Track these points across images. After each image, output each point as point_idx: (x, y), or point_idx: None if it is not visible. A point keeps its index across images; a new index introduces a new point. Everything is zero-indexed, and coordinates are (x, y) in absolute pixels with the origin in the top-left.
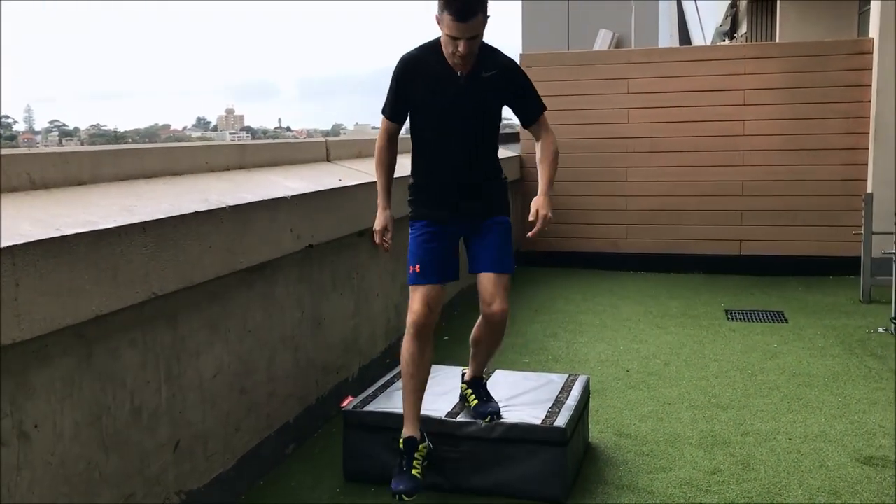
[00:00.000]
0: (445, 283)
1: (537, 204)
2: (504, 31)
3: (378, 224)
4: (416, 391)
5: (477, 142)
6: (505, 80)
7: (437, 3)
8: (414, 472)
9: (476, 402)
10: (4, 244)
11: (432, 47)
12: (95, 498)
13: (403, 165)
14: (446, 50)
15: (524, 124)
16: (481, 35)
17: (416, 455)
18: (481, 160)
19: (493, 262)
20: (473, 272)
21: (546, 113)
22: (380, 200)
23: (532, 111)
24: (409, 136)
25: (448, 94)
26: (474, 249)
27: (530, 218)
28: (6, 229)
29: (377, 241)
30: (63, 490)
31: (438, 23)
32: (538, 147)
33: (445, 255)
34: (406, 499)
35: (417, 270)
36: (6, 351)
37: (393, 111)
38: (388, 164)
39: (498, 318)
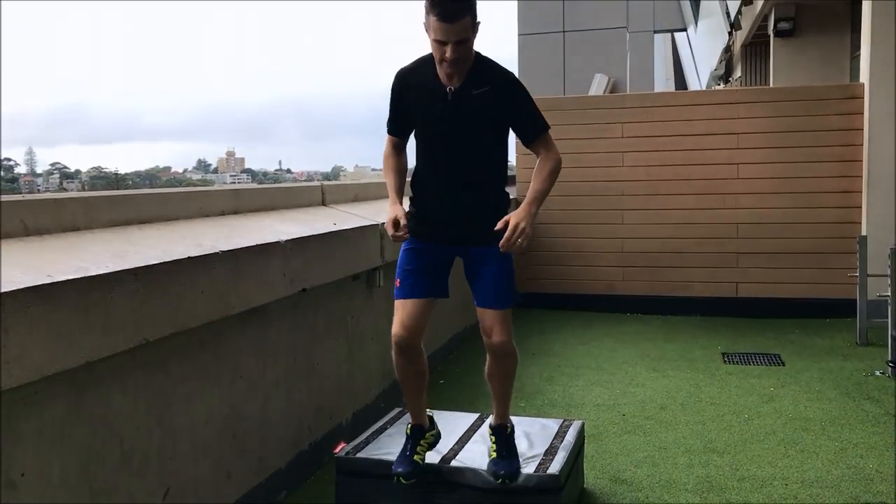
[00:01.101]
0: (429, 299)
1: (514, 213)
2: None
3: (389, 216)
4: (416, 393)
5: (469, 163)
6: (498, 98)
7: (424, 11)
8: (416, 457)
9: (495, 455)
10: None
11: (426, 60)
12: None
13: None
14: (436, 58)
15: (523, 143)
16: (471, 41)
17: (421, 442)
18: (476, 184)
19: (489, 297)
20: (476, 304)
21: (550, 132)
22: (390, 197)
23: (529, 131)
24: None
25: (435, 111)
26: (472, 281)
27: (498, 226)
28: None
29: (391, 233)
30: None
31: (426, 29)
32: (537, 162)
33: (429, 271)
34: (403, 481)
35: (398, 285)
36: None
37: (392, 125)
38: (395, 168)
39: (498, 349)
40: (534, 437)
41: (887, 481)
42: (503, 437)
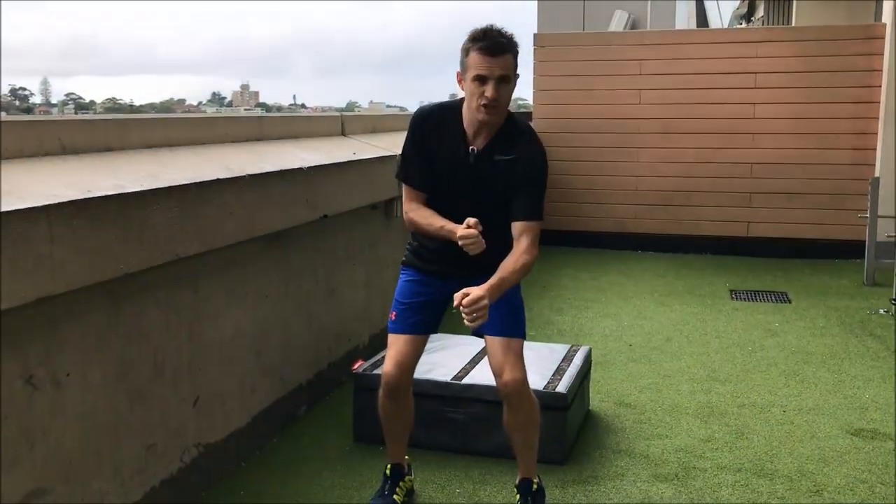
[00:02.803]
0: (424, 336)
1: (475, 288)
2: (520, 11)
3: (459, 233)
4: (399, 439)
5: (481, 219)
6: (519, 168)
7: (461, 55)
8: (396, 497)
9: None
10: (40, 204)
11: (451, 108)
12: (120, 445)
13: None
14: (472, 103)
15: (511, 217)
16: (511, 84)
17: (400, 483)
18: (490, 238)
19: (498, 324)
20: (477, 334)
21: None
22: (449, 231)
23: (526, 211)
24: None
25: (455, 169)
26: None
27: (455, 299)
28: (40, 191)
29: (473, 235)
30: (91, 436)
31: (461, 80)
32: (513, 250)
33: (427, 307)
34: None
35: (393, 318)
36: (43, 303)
37: (417, 177)
38: (434, 212)
39: (511, 388)
40: (543, 359)
41: (881, 410)
42: (529, 496)
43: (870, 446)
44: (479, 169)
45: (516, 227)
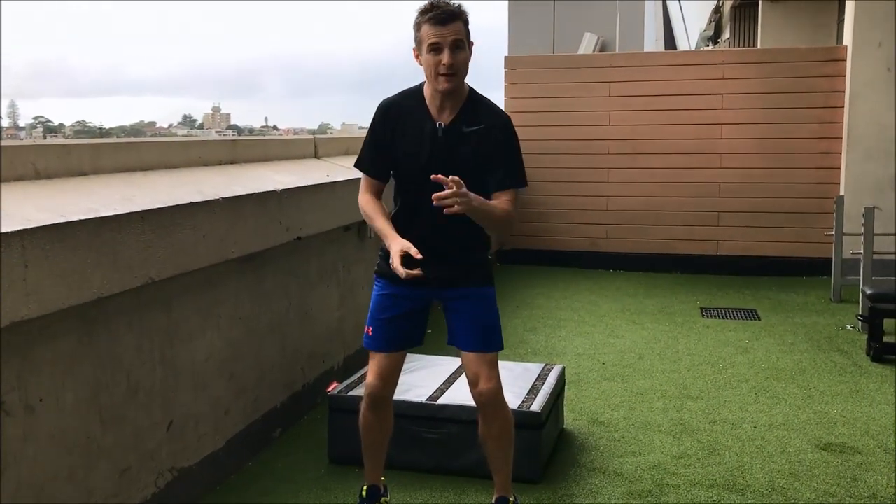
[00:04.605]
0: (403, 350)
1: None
2: (490, 34)
3: (393, 251)
4: (378, 452)
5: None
6: (488, 137)
7: (413, 32)
8: None
9: None
10: (14, 228)
11: (413, 93)
12: (94, 469)
13: None
14: (429, 73)
15: (490, 188)
16: (466, 54)
17: None
18: (459, 227)
19: (475, 339)
20: (452, 345)
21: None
22: (386, 234)
23: (503, 180)
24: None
25: (423, 148)
26: (453, 321)
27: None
28: (13, 215)
29: (403, 272)
30: (65, 461)
31: (417, 54)
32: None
33: (404, 320)
34: None
35: (370, 334)
36: (15, 328)
37: (374, 166)
38: (380, 211)
39: (486, 397)
40: (517, 378)
41: (849, 424)
42: None
43: (838, 460)
44: (450, 142)
45: (494, 196)
